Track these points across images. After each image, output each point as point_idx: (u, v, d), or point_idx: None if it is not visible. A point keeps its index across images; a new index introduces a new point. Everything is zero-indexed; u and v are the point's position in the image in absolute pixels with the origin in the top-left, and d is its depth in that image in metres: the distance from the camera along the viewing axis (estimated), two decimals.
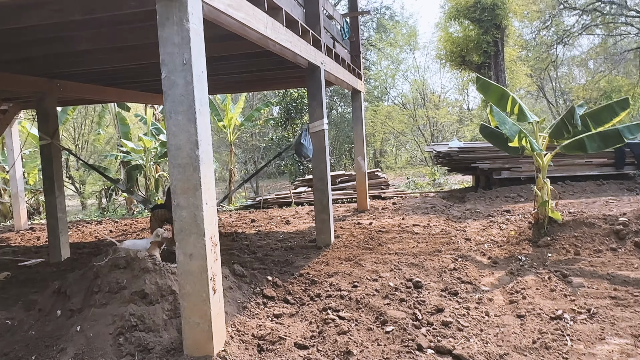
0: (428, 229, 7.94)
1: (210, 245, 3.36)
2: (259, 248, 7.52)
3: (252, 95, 23.06)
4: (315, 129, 7.00)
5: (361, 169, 10.74)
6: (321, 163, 7.04)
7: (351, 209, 11.03)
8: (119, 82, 9.18)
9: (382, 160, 25.48)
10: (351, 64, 9.75)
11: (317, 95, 6.96)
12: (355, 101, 10.73)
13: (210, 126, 14.51)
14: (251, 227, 9.86)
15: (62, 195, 7.89)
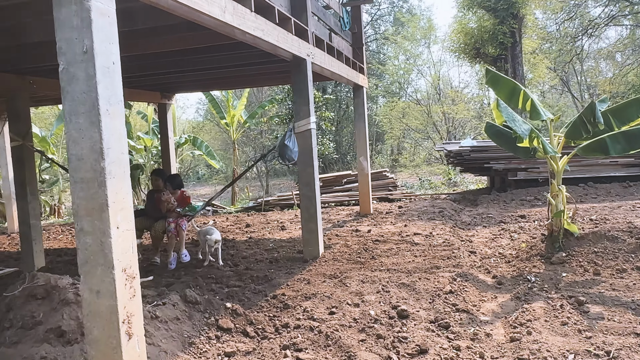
0: (430, 239, 7.16)
1: (122, 280, 2.69)
2: (243, 259, 6.86)
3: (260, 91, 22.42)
4: (301, 128, 6.28)
5: (364, 170, 9.99)
6: (308, 167, 6.33)
7: (353, 213, 10.30)
8: None
9: (398, 159, 24.63)
10: (351, 58, 9.00)
11: (303, 91, 6.24)
12: (357, 97, 9.98)
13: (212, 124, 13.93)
14: (244, 232, 9.21)
15: (35, 201, 7.33)
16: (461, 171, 13.33)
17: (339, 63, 7.96)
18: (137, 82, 9.26)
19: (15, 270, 7.40)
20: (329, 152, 15.59)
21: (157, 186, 6.94)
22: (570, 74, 26.65)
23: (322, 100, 15.62)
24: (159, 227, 6.70)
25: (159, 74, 8.30)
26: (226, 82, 10.12)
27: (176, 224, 6.71)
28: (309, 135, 6.28)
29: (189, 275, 6.10)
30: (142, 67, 7.67)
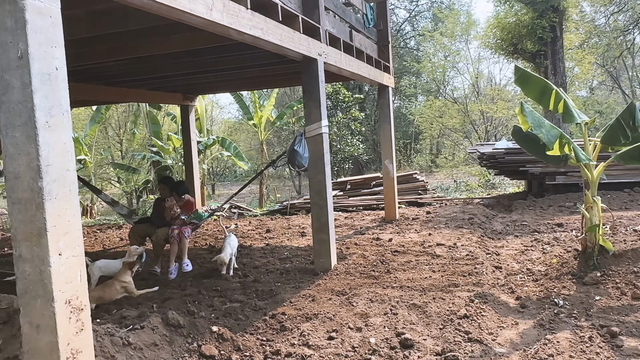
0: (453, 250, 6.66)
1: (66, 313, 2.39)
2: (254, 269, 6.54)
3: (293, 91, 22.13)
4: (312, 133, 5.91)
5: (390, 174, 9.52)
6: (319, 173, 5.94)
7: (378, 219, 9.84)
8: (120, 81, 8.47)
9: (435, 160, 23.90)
10: (374, 56, 8.55)
11: (314, 93, 5.86)
12: (382, 98, 9.51)
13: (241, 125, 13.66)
14: (263, 238, 8.91)
15: None
16: (496, 174, 12.64)
17: (359, 62, 7.53)
18: (157, 84, 9.10)
19: None
20: (358, 154, 15.14)
21: (164, 194, 6.71)
22: (621, 69, 25.22)
23: (352, 100, 15.20)
24: (160, 234, 6.46)
25: (178, 75, 8.08)
26: (249, 83, 9.84)
27: (179, 231, 6.45)
28: (320, 140, 5.90)
29: (194, 287, 5.83)
30: (162, 69, 7.48)
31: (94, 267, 6.09)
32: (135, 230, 6.59)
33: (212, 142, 14.66)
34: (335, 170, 15.04)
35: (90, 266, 6.11)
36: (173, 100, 10.45)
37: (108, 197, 7.69)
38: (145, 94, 9.64)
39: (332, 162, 15.01)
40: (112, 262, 6.15)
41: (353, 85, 22.88)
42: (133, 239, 6.53)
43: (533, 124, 4.84)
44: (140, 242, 6.57)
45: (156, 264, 6.62)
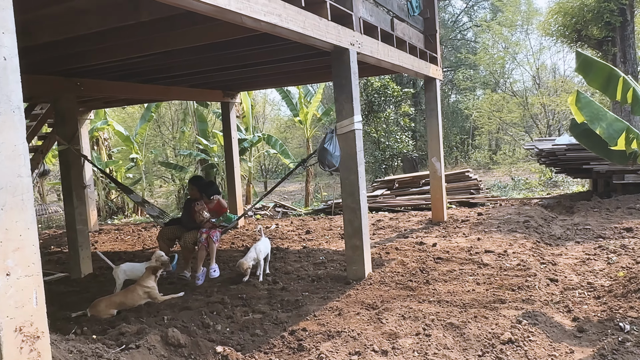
0: (503, 258, 6.00)
1: (16, 342, 2.06)
2: (285, 275, 6.16)
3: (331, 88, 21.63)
4: (344, 129, 5.43)
5: (437, 173, 8.89)
6: (351, 173, 5.46)
7: (425, 220, 9.23)
8: (157, 78, 8.30)
9: (492, 156, 22.75)
10: (418, 46, 7.94)
11: (346, 86, 5.38)
12: (429, 91, 8.88)
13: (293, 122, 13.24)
14: (301, 240, 8.52)
15: (82, 206, 7.15)
16: (557, 172, 11.68)
17: (400, 53, 6.97)
18: (197, 81, 8.88)
19: (65, 276, 7.29)
20: (408, 150, 14.49)
21: (194, 195, 6.44)
22: None
23: (401, 94, 14.56)
24: (189, 238, 6.18)
25: (214, 71, 7.80)
26: (287, 78, 9.46)
27: (207, 235, 6.15)
28: (352, 137, 5.41)
29: (220, 294, 5.51)
30: (193, 64, 7.22)
31: (118, 271, 5.90)
32: (163, 232, 6.35)
33: (257, 140, 14.43)
34: (384, 167, 14.45)
35: (114, 270, 5.92)
36: (213, 97, 10.24)
37: (138, 197, 7.53)
38: (185, 92, 9.45)
39: (380, 159, 14.44)
40: (137, 266, 5.94)
41: (407, 79, 22.13)
42: (161, 242, 6.30)
43: (589, 117, 4.16)
44: (168, 245, 6.33)
45: (185, 269, 6.35)
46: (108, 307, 5.20)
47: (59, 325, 4.87)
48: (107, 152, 16.59)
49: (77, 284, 6.81)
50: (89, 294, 6.26)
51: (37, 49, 5.63)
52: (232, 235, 9.69)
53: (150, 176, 19.62)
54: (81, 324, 4.85)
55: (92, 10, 4.46)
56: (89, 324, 4.87)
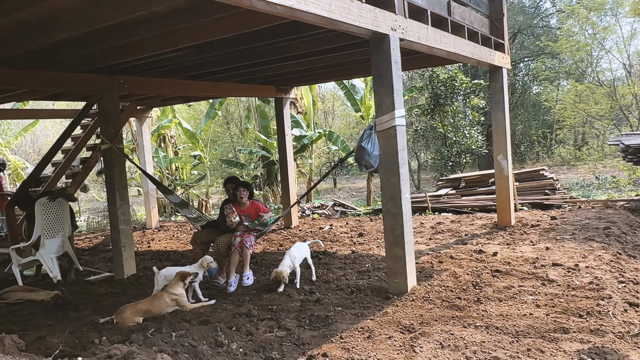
0: (573, 274, 5.15)
1: None
2: (324, 284, 5.68)
3: (409, 77, 20.69)
4: (383, 125, 4.84)
5: (503, 172, 8.03)
6: (392, 175, 4.86)
7: (490, 224, 8.39)
8: (203, 73, 8.07)
9: (576, 153, 20.94)
10: (480, 31, 7.14)
11: (386, 76, 4.78)
12: (495, 81, 8.01)
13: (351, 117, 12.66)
14: (351, 244, 7.99)
15: (125, 206, 7.05)
16: None
17: (456, 39, 6.25)
18: (246, 76, 8.57)
19: (110, 276, 7.23)
20: (476, 147, 13.48)
21: (231, 196, 6.08)
22: None
23: (471, 85, 13.56)
24: (222, 242, 5.83)
25: (258, 65, 7.46)
26: (338, 71, 8.91)
27: (241, 239, 5.78)
28: (393, 134, 4.81)
29: (250, 304, 5.15)
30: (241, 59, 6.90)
31: (159, 276, 5.65)
32: (198, 236, 6.05)
33: (317, 136, 14.02)
34: (450, 165, 13.54)
35: (155, 275, 5.68)
36: (265, 92, 9.93)
37: (177, 199, 7.32)
38: (234, 87, 9.19)
39: (447, 155, 13.53)
40: (175, 269, 5.64)
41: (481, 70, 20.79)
42: (195, 246, 6.00)
43: None
44: (203, 250, 6.03)
45: (220, 274, 6.02)
46: (133, 315, 4.96)
47: (80, 333, 4.69)
48: (173, 149, 16.86)
49: (118, 285, 6.70)
50: (126, 296, 6.11)
51: (65, 45, 5.50)
52: (284, 235, 9.33)
53: (219, 173, 19.83)
54: (101, 332, 4.64)
55: (104, 3, 4.18)
56: (109, 332, 4.64)
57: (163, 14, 4.62)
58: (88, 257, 9.15)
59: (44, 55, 5.87)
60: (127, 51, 5.67)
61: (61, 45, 5.58)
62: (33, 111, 12.54)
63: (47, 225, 6.92)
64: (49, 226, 6.96)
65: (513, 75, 21.60)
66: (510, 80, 21.15)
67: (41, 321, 5.37)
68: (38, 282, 7.16)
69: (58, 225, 7.08)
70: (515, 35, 21.51)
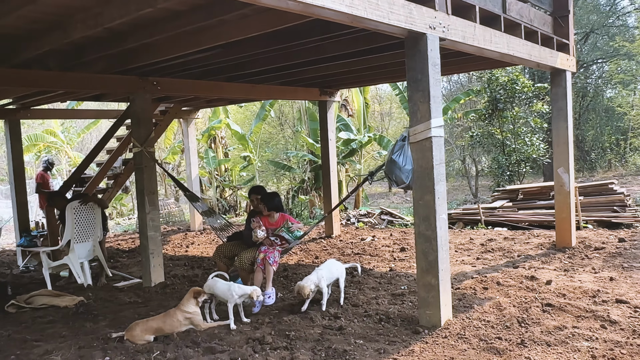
0: None
1: None
2: (353, 308, 5.17)
3: (469, 79, 19.61)
4: (417, 137, 4.28)
5: (564, 187, 7.21)
6: (426, 193, 4.29)
7: (547, 243, 7.58)
8: (242, 75, 7.76)
9: None
10: (542, 30, 6.40)
11: (422, 81, 4.22)
12: (557, 85, 7.20)
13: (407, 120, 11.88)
14: (391, 260, 7.44)
15: (154, 211, 6.82)
16: None
17: (510, 39, 5.56)
18: (290, 78, 8.18)
19: (138, 283, 7.04)
20: (538, 155, 12.47)
21: (256, 207, 5.69)
22: None
23: (533, 89, 12.56)
24: (245, 257, 5.43)
25: (299, 65, 7.05)
26: (384, 74, 8.33)
27: (264, 256, 5.36)
28: (428, 146, 4.24)
29: (269, 327, 4.74)
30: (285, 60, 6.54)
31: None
32: (221, 250, 5.66)
33: (367, 141, 13.47)
34: (508, 175, 12.60)
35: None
36: (308, 95, 9.51)
37: (205, 206, 7.01)
38: (274, 90, 8.83)
39: (504, 164, 12.59)
40: (220, 284, 5.13)
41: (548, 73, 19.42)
42: (218, 261, 5.63)
43: None
44: (226, 264, 5.65)
45: None
46: (144, 332, 4.66)
47: (86, 350, 4.43)
48: (223, 150, 16.80)
49: (144, 294, 6.47)
50: (147, 308, 5.86)
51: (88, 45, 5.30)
52: (322, 246, 8.88)
53: (268, 175, 19.66)
54: (107, 351, 4.36)
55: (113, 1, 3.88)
56: (115, 351, 4.35)
57: (179, 12, 4.29)
58: (126, 259, 9.07)
59: (72, 56, 5.71)
60: (150, 52, 5.42)
61: (84, 46, 5.39)
62: (79, 111, 12.73)
63: (77, 230, 6.80)
64: (80, 230, 6.84)
65: (584, 78, 20.12)
66: (581, 84, 19.70)
67: (57, 331, 5.19)
68: (70, 285, 7.08)
69: (89, 229, 6.95)
70: (587, 35, 20.04)
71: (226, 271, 5.68)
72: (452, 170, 20.16)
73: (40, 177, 10.23)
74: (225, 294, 4.96)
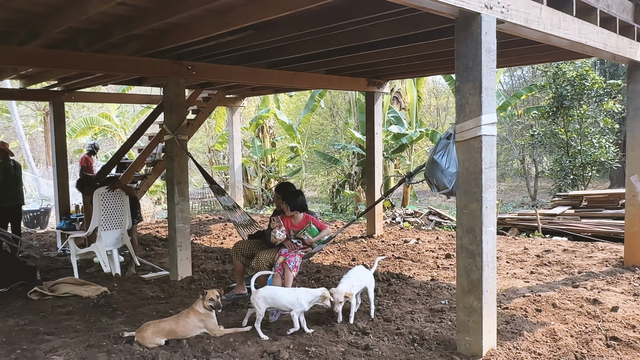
0: None
1: None
2: (385, 323, 4.64)
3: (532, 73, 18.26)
4: (464, 135, 3.66)
5: (637, 197, 6.35)
6: (472, 201, 3.67)
7: (614, 260, 6.74)
8: (284, 62, 7.30)
9: None
10: (619, 17, 5.56)
11: (473, 69, 3.59)
12: (635, 82, 6.30)
13: None
14: (434, 267, 6.83)
15: (184, 202, 6.50)
16: None
17: (583, 24, 4.80)
18: (335, 66, 7.65)
19: (166, 275, 6.76)
20: (606, 159, 11.37)
21: (279, 206, 5.22)
22: None
23: (605, 86, 11.44)
24: (263, 258, 4.95)
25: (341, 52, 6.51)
26: (436, 64, 7.65)
27: (285, 259, 4.88)
28: (478, 147, 3.61)
29: (289, 339, 4.28)
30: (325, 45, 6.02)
31: (257, 298, 4.44)
32: (239, 248, 5.21)
33: (418, 136, 12.75)
34: (571, 178, 11.56)
35: (252, 296, 4.51)
36: (355, 85, 8.94)
37: (230, 201, 6.59)
38: (318, 78, 8.31)
39: (568, 167, 11.57)
40: (281, 292, 4.55)
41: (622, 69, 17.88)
42: (236, 260, 5.20)
43: None
44: (244, 263, 5.21)
45: None
46: (155, 335, 4.31)
47: (92, 351, 4.13)
48: (271, 140, 16.49)
49: (168, 289, 6.18)
50: (168, 304, 5.55)
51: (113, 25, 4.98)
52: (362, 246, 8.34)
53: (315, 166, 19.22)
54: (112, 354, 4.03)
55: None
56: (119, 355, 4.02)
57: None
58: (161, 248, 8.87)
59: (100, 36, 5.42)
60: (179, 33, 5.05)
61: (109, 25, 5.08)
62: (123, 95, 12.70)
63: (104, 217, 6.58)
64: (107, 218, 6.61)
65: None
66: None
67: (72, 324, 4.96)
68: (100, 273, 6.89)
69: (116, 217, 6.71)
70: None
71: (243, 271, 5.25)
72: (509, 170, 19.04)
73: (84, 161, 10.21)
74: (291, 303, 4.39)
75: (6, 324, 4.97)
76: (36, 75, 7.99)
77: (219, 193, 6.48)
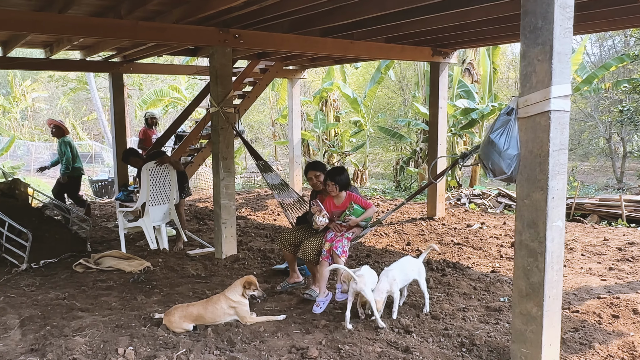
0: None
1: None
2: (432, 321, 4.16)
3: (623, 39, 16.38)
4: (529, 109, 3.02)
5: None
6: (535, 190, 3.05)
7: None
8: (339, 28, 6.77)
9: None
10: None
11: (543, 30, 2.93)
12: None
13: None
14: (498, 256, 6.22)
15: (230, 177, 6.24)
16: None
17: None
18: (396, 33, 7.01)
19: (211, 252, 6.58)
20: None
21: (315, 187, 4.74)
22: None
23: None
24: (309, 247, 4.51)
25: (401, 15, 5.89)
26: (510, 30, 6.83)
27: (331, 245, 4.44)
28: (545, 124, 2.97)
29: (321, 333, 3.91)
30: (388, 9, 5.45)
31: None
32: (285, 237, 4.75)
33: (490, 111, 11.79)
34: None
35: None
36: (418, 55, 8.24)
37: (277, 179, 6.19)
38: (376, 47, 7.67)
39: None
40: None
41: None
42: (284, 250, 4.79)
43: None
44: (292, 252, 4.79)
45: (313, 285, 4.78)
46: (182, 319, 4.08)
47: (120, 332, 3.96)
48: (334, 113, 16.01)
49: (211, 267, 5.98)
50: (207, 284, 5.33)
51: None
52: (420, 228, 7.79)
53: (380, 142, 18.56)
54: (134, 339, 3.82)
55: None
56: (143, 339, 3.81)
57: None
58: (213, 223, 8.75)
59: (139, 2, 5.15)
60: None
61: None
62: (180, 67, 12.61)
63: (152, 192, 6.44)
64: (155, 193, 6.47)
65: None
66: None
67: (109, 300, 4.86)
68: (149, 246, 6.81)
69: (164, 192, 6.56)
70: None
71: (294, 259, 4.88)
72: (594, 149, 17.49)
73: (142, 133, 10.23)
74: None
75: (46, 297, 4.94)
76: (93, 46, 7.95)
77: (265, 170, 6.13)
